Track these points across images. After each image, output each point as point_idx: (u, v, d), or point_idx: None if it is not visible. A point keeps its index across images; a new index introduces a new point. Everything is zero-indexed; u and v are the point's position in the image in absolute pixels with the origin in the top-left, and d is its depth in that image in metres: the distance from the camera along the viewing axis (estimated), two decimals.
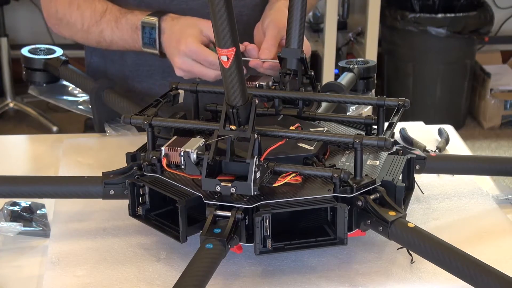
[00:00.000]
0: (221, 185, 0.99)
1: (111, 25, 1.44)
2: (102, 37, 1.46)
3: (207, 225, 0.98)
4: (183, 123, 1.11)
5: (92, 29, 1.45)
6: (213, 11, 0.91)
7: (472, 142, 3.67)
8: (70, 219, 1.16)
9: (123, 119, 1.12)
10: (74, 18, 1.46)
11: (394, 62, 3.76)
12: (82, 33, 1.48)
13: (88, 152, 1.41)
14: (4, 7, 3.67)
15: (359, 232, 1.04)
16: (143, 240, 1.10)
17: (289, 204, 1.00)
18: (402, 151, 1.15)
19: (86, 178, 1.13)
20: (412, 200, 1.17)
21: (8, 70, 3.72)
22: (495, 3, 3.99)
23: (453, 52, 3.66)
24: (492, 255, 1.05)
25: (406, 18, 3.56)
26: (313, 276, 1.02)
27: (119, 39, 1.44)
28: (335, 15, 3.38)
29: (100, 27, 1.45)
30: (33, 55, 1.54)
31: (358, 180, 1.02)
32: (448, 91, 3.71)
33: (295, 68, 1.24)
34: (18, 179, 1.18)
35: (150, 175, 1.07)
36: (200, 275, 0.91)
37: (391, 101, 1.16)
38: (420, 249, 0.96)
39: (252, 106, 1.00)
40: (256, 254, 0.99)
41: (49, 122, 3.68)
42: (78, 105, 1.55)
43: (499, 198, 1.26)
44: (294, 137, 1.06)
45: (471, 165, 1.26)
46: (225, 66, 0.95)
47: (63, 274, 1.03)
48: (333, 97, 1.23)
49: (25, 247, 1.12)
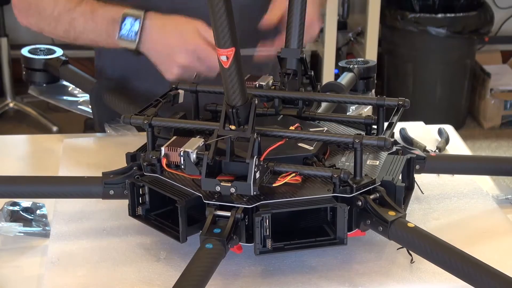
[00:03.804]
0: (221, 185, 0.98)
1: (85, 15, 1.38)
2: (72, 26, 1.39)
3: (207, 225, 0.98)
4: (183, 123, 1.11)
5: (63, 17, 1.39)
6: (213, 11, 0.91)
7: (472, 142, 3.67)
8: (70, 219, 1.16)
9: (123, 119, 1.12)
10: (47, 2, 1.41)
11: (394, 62, 3.76)
12: (50, 21, 1.41)
13: (88, 152, 1.41)
14: (4, 7, 3.67)
15: (359, 232, 1.04)
16: (143, 240, 1.10)
17: (289, 204, 1.00)
18: (402, 151, 1.15)
19: (86, 178, 1.13)
20: (412, 200, 1.17)
21: (8, 70, 3.72)
22: (495, 3, 3.99)
23: (453, 52, 3.66)
24: (492, 255, 1.05)
25: (406, 18, 3.56)
26: (313, 276, 1.02)
27: (91, 31, 1.38)
28: (335, 15, 3.38)
29: (72, 15, 1.39)
30: (33, 55, 1.54)
31: (358, 180, 1.02)
32: (448, 91, 3.71)
33: (295, 68, 1.24)
34: (18, 179, 1.18)
35: (150, 175, 1.07)
36: (200, 275, 0.91)
37: (391, 101, 1.16)
38: (420, 249, 0.96)
39: (252, 106, 1.00)
40: (256, 254, 0.99)
41: (49, 122, 3.68)
42: (78, 105, 1.54)
43: (499, 198, 1.26)
44: (294, 137, 1.06)
45: (471, 165, 1.26)
46: (224, 66, 0.95)
47: (63, 274, 1.03)
48: (333, 97, 1.23)
49: (25, 247, 1.12)
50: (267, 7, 1.46)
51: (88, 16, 1.39)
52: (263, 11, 1.44)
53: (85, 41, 1.43)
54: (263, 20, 1.40)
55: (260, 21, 1.42)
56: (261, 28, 1.38)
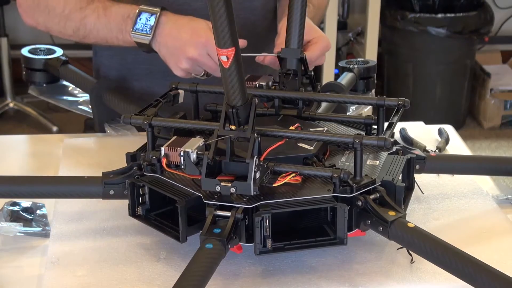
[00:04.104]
0: (221, 185, 0.99)
1: (97, 12, 1.39)
2: (83, 24, 1.40)
3: (207, 225, 0.98)
4: (183, 123, 1.11)
5: (74, 15, 1.40)
6: (213, 11, 0.91)
7: (472, 142, 3.67)
8: (70, 219, 1.16)
9: (123, 119, 1.12)
10: (56, 1, 1.41)
11: (394, 62, 3.76)
12: (60, 19, 1.42)
13: (88, 152, 1.41)
14: (4, 7, 3.67)
15: (359, 232, 1.04)
16: (143, 240, 1.10)
17: (289, 204, 1.00)
18: (402, 151, 1.15)
19: (86, 178, 1.13)
20: (412, 200, 1.17)
21: (8, 70, 3.72)
22: (495, 3, 3.99)
23: (453, 52, 3.66)
24: (492, 255, 1.05)
25: (406, 18, 3.56)
26: (313, 276, 1.02)
27: (102, 27, 1.39)
28: (335, 15, 3.38)
29: (84, 13, 1.40)
30: (33, 55, 1.54)
31: (358, 180, 1.02)
32: (448, 91, 3.71)
33: (295, 68, 1.24)
34: (18, 179, 1.18)
35: (150, 175, 1.07)
36: (200, 275, 0.91)
37: (391, 101, 1.16)
38: (420, 249, 0.96)
39: (252, 106, 1.00)
40: (256, 254, 0.99)
41: (49, 122, 3.68)
42: (78, 105, 1.55)
43: (499, 198, 1.26)
44: (294, 137, 1.06)
45: (471, 165, 1.26)
46: (225, 66, 0.95)
47: (63, 274, 1.03)
48: (333, 97, 1.23)
49: (25, 247, 1.12)
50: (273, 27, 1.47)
51: (100, 13, 1.39)
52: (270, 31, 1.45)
53: (94, 39, 1.43)
54: (276, 45, 1.39)
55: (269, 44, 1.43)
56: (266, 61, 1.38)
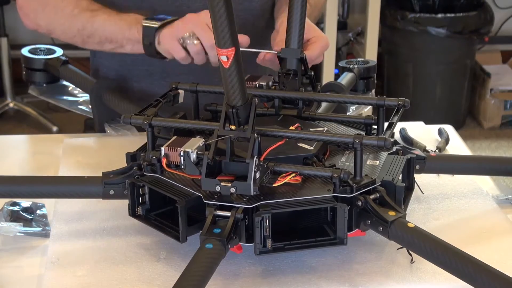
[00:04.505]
0: (221, 185, 0.99)
1: (109, 12, 1.41)
2: (90, 21, 1.41)
3: (207, 225, 0.98)
4: (183, 123, 1.11)
5: (83, 14, 1.41)
6: (213, 11, 0.91)
7: (472, 142, 3.67)
8: (70, 219, 1.16)
9: (123, 119, 1.12)
10: (67, 2, 1.43)
11: (394, 62, 3.76)
12: (66, 19, 1.43)
13: (88, 152, 1.41)
14: (4, 7, 3.67)
15: (359, 232, 1.04)
16: (143, 240, 1.10)
17: (289, 204, 1.00)
18: (402, 151, 1.15)
19: (86, 178, 1.13)
20: (412, 200, 1.17)
21: (8, 70, 3.72)
22: (495, 3, 3.99)
23: (453, 52, 3.65)
24: (492, 255, 1.05)
25: (406, 18, 3.56)
26: (313, 276, 1.02)
27: (112, 23, 1.40)
28: (335, 15, 3.38)
29: (94, 13, 1.41)
30: (33, 55, 1.54)
31: (358, 180, 1.02)
32: (448, 91, 3.71)
33: (295, 68, 1.24)
34: (18, 179, 1.18)
35: (150, 175, 1.07)
36: (200, 275, 0.91)
37: (391, 101, 1.16)
38: (420, 249, 0.96)
39: (252, 106, 1.00)
40: (256, 254, 0.99)
41: (49, 122, 3.68)
42: (78, 105, 1.55)
43: (499, 198, 1.26)
44: (294, 137, 1.06)
45: (471, 165, 1.26)
46: (225, 66, 0.95)
47: (63, 274, 1.03)
48: (333, 97, 1.23)
49: (25, 247, 1.12)
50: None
51: (113, 12, 1.41)
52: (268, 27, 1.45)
53: (99, 37, 1.43)
54: (275, 43, 1.39)
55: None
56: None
